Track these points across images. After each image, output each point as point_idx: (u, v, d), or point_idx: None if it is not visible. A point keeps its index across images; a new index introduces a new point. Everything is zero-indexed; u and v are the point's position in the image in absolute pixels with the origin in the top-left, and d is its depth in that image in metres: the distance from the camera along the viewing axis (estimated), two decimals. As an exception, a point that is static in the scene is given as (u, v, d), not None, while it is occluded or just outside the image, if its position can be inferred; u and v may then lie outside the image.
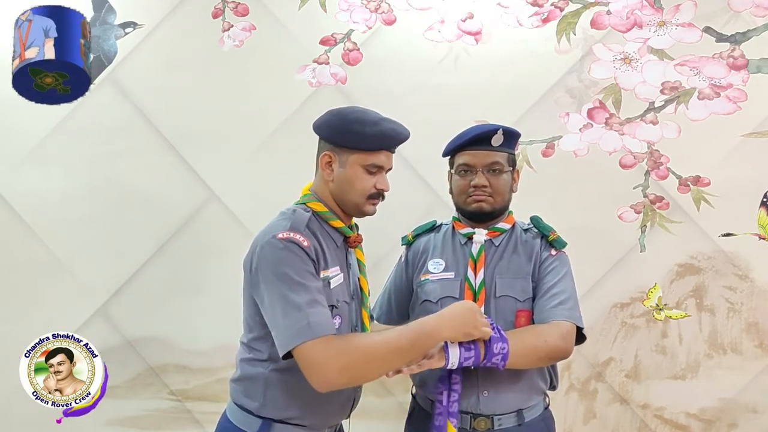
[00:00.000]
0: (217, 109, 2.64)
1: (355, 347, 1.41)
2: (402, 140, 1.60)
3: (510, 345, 1.57)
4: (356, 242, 1.64)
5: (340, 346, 1.40)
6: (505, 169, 1.77)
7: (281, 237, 1.46)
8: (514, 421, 1.71)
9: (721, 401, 2.48)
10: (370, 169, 1.57)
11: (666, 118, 2.53)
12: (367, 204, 1.59)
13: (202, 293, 2.60)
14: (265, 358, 1.53)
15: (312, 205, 1.59)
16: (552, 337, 1.64)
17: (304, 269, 1.45)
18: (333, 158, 1.58)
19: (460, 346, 1.53)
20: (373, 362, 1.42)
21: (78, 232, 2.63)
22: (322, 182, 1.62)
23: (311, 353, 1.38)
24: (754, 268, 2.48)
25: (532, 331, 1.67)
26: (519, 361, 1.61)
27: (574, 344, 1.69)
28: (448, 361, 1.53)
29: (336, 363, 1.38)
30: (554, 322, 1.66)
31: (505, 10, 2.60)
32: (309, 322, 1.40)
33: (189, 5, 2.68)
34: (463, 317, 1.50)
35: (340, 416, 1.64)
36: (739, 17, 2.51)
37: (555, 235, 1.79)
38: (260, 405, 1.54)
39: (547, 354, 1.64)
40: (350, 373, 1.40)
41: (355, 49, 2.64)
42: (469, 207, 1.77)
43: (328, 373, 1.38)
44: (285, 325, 1.41)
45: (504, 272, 1.75)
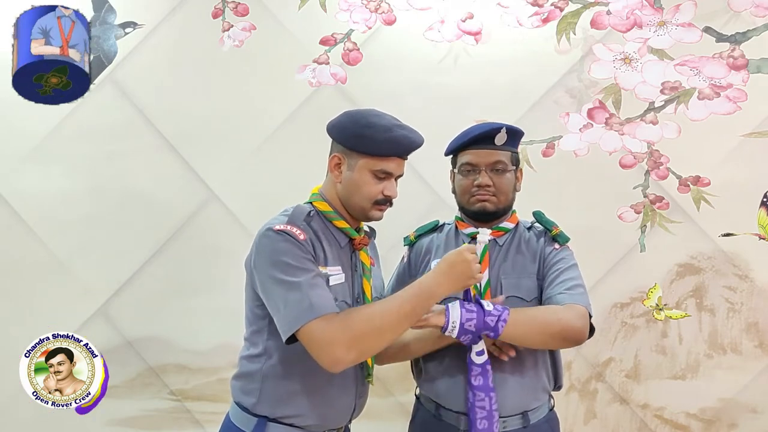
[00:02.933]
0: (217, 109, 2.64)
1: (359, 320, 1.41)
2: (414, 148, 1.58)
3: (521, 318, 1.56)
4: (362, 244, 1.63)
5: (343, 322, 1.40)
6: (509, 168, 1.75)
7: (278, 229, 1.48)
8: (519, 424, 1.69)
9: (721, 401, 2.48)
10: (379, 175, 1.55)
11: (666, 118, 2.53)
12: (374, 209, 1.58)
13: (202, 293, 2.60)
14: (260, 352, 1.54)
15: (317, 204, 1.60)
16: (566, 315, 1.59)
17: (301, 256, 1.46)
18: (342, 160, 1.57)
19: (461, 307, 1.53)
20: (378, 332, 1.41)
21: (78, 232, 2.63)
22: (330, 183, 1.62)
23: (316, 333, 1.39)
24: (754, 268, 2.48)
25: (545, 308, 1.64)
26: (530, 337, 1.58)
27: (588, 329, 1.64)
28: (448, 321, 1.52)
29: (342, 339, 1.38)
30: (568, 305, 1.62)
31: (505, 10, 2.61)
32: (311, 302, 1.40)
33: (189, 5, 2.68)
34: (458, 269, 1.48)
35: (339, 421, 1.62)
36: (739, 17, 2.51)
37: (558, 230, 1.77)
38: (256, 401, 1.54)
39: (561, 332, 1.58)
40: (359, 347, 1.40)
41: (355, 49, 2.64)
42: (472, 207, 1.76)
43: (336, 350, 1.38)
44: (287, 308, 1.42)
45: (509, 272, 1.74)
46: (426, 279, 1.48)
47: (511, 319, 1.55)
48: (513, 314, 1.57)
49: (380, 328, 1.41)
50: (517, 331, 1.56)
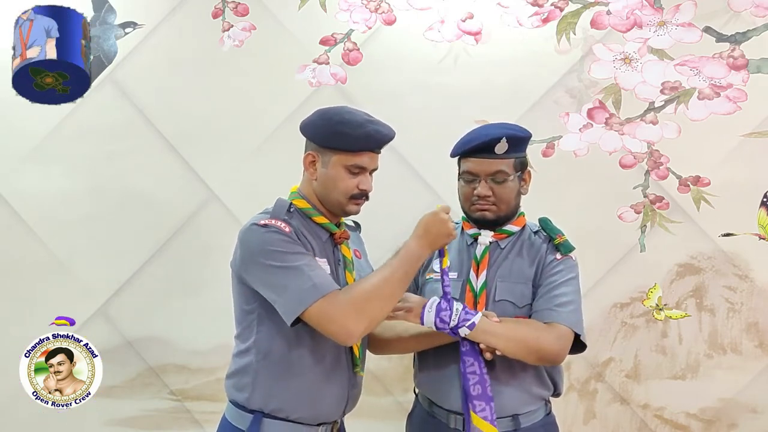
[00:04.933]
0: (217, 109, 2.64)
1: (361, 291, 1.50)
2: (386, 142, 1.61)
3: (499, 329, 1.61)
4: (342, 238, 1.67)
5: (346, 296, 1.49)
6: (510, 177, 1.72)
7: (262, 223, 1.53)
8: (509, 426, 1.68)
9: (721, 401, 2.47)
10: (353, 170, 1.59)
11: (666, 118, 2.53)
12: (350, 204, 1.62)
13: (202, 293, 2.60)
14: (250, 346, 1.57)
15: (296, 202, 1.63)
16: (545, 336, 1.61)
17: (291, 243, 1.52)
18: (316, 158, 1.61)
19: (438, 312, 1.61)
20: (381, 299, 1.50)
21: (78, 232, 2.63)
22: (306, 181, 1.66)
23: (325, 311, 1.45)
24: (754, 268, 2.48)
25: (529, 324, 1.65)
26: (507, 347, 1.61)
27: (567, 350, 1.65)
28: (422, 323, 1.62)
29: (351, 312, 1.46)
30: (552, 324, 1.63)
31: (505, 10, 2.60)
32: (314, 283, 1.47)
33: (189, 5, 2.68)
34: (435, 228, 1.56)
35: (333, 413, 1.63)
36: (739, 17, 2.51)
37: (562, 238, 1.75)
38: (249, 396, 1.56)
39: (537, 351, 1.61)
40: (367, 316, 1.48)
41: (355, 49, 2.64)
42: (473, 214, 1.76)
43: (347, 323, 1.46)
44: (289, 292, 1.46)
45: (506, 276, 1.73)
46: (410, 243, 1.55)
47: (481, 329, 1.60)
48: (485, 325, 1.61)
49: (382, 295, 1.50)
50: (496, 339, 1.60)
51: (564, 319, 1.64)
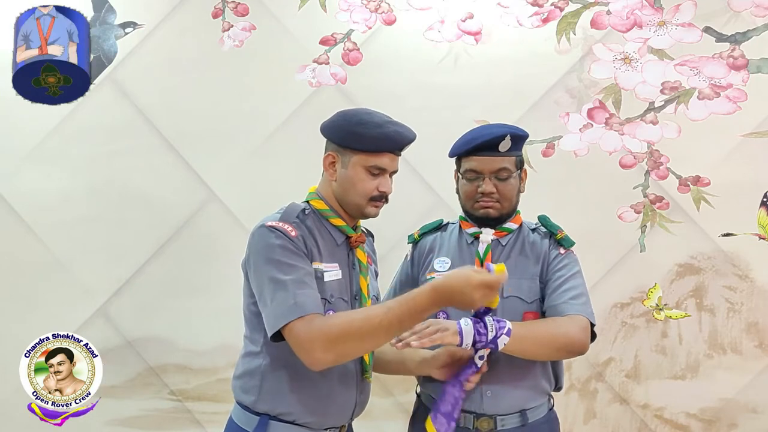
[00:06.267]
0: (217, 109, 2.64)
1: (339, 323, 1.42)
2: (406, 143, 1.59)
3: (528, 331, 1.59)
4: (358, 242, 1.64)
5: (321, 324, 1.41)
6: (513, 174, 1.75)
7: (269, 225, 1.51)
8: (517, 422, 1.70)
9: (721, 401, 2.48)
10: (373, 171, 1.57)
11: (666, 118, 2.53)
12: (369, 206, 1.59)
13: (202, 293, 2.60)
14: (259, 349, 1.56)
15: (314, 203, 1.61)
16: (570, 328, 1.62)
17: (292, 252, 1.49)
18: (336, 158, 1.59)
19: (474, 324, 1.54)
20: (357, 339, 1.41)
21: (78, 232, 2.63)
22: (325, 182, 1.63)
23: (296, 332, 1.41)
24: (754, 268, 2.48)
25: (551, 321, 1.66)
26: (536, 350, 1.61)
27: (589, 339, 1.67)
28: (462, 340, 1.54)
29: (321, 341, 1.40)
30: (571, 316, 1.65)
31: (505, 10, 2.61)
32: (296, 301, 1.42)
33: (189, 5, 2.68)
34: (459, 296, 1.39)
35: (340, 418, 1.62)
36: (739, 17, 2.51)
37: (563, 233, 1.78)
38: (256, 399, 1.55)
39: (566, 345, 1.62)
40: (336, 350, 1.41)
41: (355, 49, 2.64)
42: (476, 212, 1.76)
43: (313, 351, 1.40)
44: (273, 306, 1.44)
45: (511, 273, 1.72)
46: (423, 296, 1.40)
47: (516, 335, 1.57)
48: (517, 329, 1.58)
49: (359, 334, 1.40)
50: (523, 346, 1.59)
51: (580, 310, 1.67)
